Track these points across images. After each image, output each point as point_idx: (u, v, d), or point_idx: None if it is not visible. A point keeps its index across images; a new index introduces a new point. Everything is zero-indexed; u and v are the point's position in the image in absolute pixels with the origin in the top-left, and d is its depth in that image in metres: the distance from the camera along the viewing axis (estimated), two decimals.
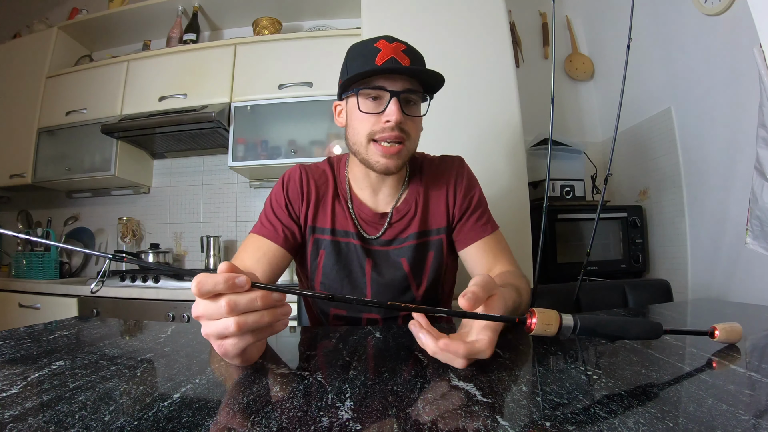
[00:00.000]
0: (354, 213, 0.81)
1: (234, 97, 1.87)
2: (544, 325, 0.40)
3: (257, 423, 0.30)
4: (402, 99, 0.70)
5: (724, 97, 1.41)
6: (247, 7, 2.09)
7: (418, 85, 0.72)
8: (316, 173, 0.84)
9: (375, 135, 0.71)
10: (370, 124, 0.71)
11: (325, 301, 0.82)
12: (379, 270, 0.79)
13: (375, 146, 0.72)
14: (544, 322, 0.40)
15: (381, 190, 0.81)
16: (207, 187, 2.23)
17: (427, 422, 0.30)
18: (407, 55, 0.70)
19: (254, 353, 0.43)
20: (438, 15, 1.64)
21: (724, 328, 0.49)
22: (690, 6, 1.49)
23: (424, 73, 0.70)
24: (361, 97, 0.71)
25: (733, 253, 1.38)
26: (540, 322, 0.40)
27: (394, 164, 0.72)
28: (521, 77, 1.69)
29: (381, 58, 0.68)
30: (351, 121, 0.75)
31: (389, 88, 0.69)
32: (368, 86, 0.70)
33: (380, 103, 0.71)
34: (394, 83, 0.69)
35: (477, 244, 0.79)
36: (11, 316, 1.77)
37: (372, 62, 0.68)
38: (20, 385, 0.38)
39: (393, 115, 0.68)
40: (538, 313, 0.40)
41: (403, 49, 0.70)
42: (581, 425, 0.29)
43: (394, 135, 0.70)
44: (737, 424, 0.28)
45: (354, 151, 0.76)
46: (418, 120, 0.75)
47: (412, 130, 0.73)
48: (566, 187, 1.83)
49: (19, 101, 2.16)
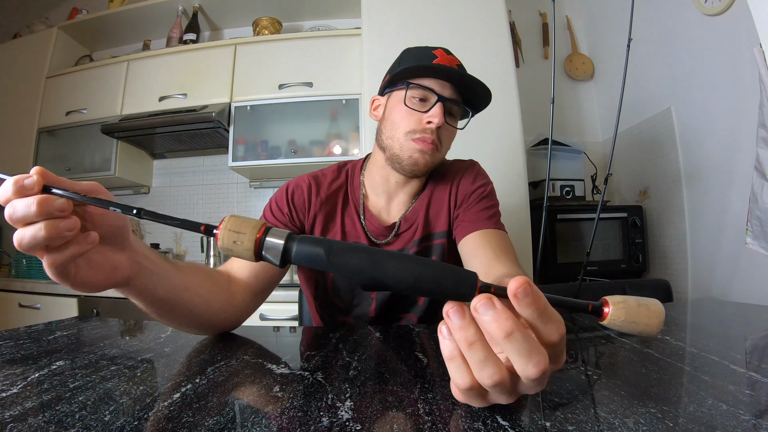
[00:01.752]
0: (365, 225, 0.79)
1: (234, 97, 1.87)
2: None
3: (257, 423, 0.30)
4: (446, 107, 0.71)
5: (724, 97, 1.41)
6: (247, 7, 2.10)
7: (461, 100, 0.74)
8: (325, 184, 0.80)
9: (415, 133, 0.71)
10: (412, 122, 0.71)
11: (336, 309, 0.81)
12: None
13: (414, 142, 0.72)
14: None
15: (396, 197, 0.80)
16: (207, 187, 2.23)
17: (427, 422, 0.30)
18: (460, 70, 0.72)
19: (88, 277, 0.37)
20: (438, 15, 1.64)
21: (623, 306, 0.29)
22: (690, 6, 1.50)
23: (476, 84, 0.71)
24: (410, 92, 0.72)
25: (733, 253, 1.38)
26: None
27: (425, 162, 0.72)
28: (521, 77, 1.69)
29: (437, 62, 0.71)
30: (390, 115, 0.75)
31: (438, 92, 0.70)
32: (420, 85, 0.71)
33: (425, 104, 0.71)
34: (443, 89, 0.71)
35: (477, 234, 0.71)
36: (11, 316, 1.77)
37: (430, 62, 0.71)
38: (20, 385, 0.38)
39: (436, 117, 0.69)
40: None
41: (458, 64, 0.73)
42: (581, 425, 0.29)
43: (431, 139, 0.71)
44: (737, 424, 0.28)
45: (385, 146, 0.75)
46: (453, 132, 0.76)
47: (446, 140, 0.74)
48: (566, 187, 1.83)
49: (19, 101, 2.16)
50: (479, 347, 0.26)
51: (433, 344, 0.53)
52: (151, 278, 0.46)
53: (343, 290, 0.79)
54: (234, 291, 0.62)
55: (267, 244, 0.29)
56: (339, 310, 0.81)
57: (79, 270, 0.37)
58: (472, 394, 0.28)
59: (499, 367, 0.27)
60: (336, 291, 0.80)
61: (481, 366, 0.27)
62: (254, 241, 0.29)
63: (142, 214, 0.32)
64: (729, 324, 0.67)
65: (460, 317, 0.27)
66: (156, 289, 0.47)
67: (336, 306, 0.81)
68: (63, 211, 0.32)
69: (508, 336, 0.25)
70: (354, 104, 1.80)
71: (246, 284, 0.65)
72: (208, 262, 2.00)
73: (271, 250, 0.29)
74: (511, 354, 0.26)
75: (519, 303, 0.25)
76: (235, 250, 0.29)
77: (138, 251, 0.44)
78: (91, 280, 0.38)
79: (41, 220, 0.31)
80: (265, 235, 0.29)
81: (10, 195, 0.31)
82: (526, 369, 0.25)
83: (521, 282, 0.25)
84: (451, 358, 0.28)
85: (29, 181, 0.31)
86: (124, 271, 0.42)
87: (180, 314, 0.52)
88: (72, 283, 0.36)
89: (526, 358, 0.25)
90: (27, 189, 0.31)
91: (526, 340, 0.26)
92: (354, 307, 0.80)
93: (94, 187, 0.35)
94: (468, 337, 0.26)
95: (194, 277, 0.55)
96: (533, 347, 0.26)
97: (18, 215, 0.31)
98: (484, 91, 0.72)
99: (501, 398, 0.28)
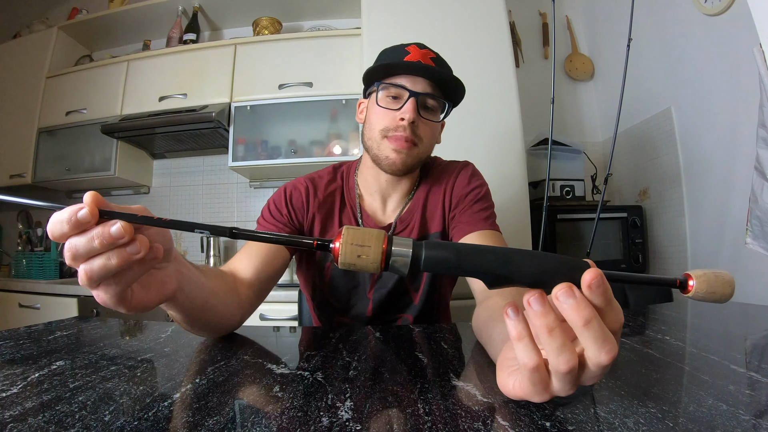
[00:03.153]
0: (362, 225, 0.79)
1: (234, 97, 1.87)
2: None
3: (257, 423, 0.30)
4: (420, 101, 0.71)
5: (724, 97, 1.41)
6: (247, 7, 2.10)
7: (440, 93, 0.73)
8: (321, 186, 0.81)
9: (388, 132, 0.71)
10: (386, 120, 0.71)
11: (333, 310, 0.81)
12: (383, 282, 0.78)
13: (387, 141, 0.72)
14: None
15: (390, 197, 0.80)
16: (207, 187, 2.23)
17: (427, 422, 0.30)
18: (434, 62, 0.71)
19: (142, 298, 0.36)
20: (438, 15, 1.64)
21: (704, 278, 0.32)
22: (690, 6, 1.49)
23: (443, 76, 0.70)
24: (382, 93, 0.72)
25: (733, 253, 1.38)
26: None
27: (402, 161, 0.72)
28: (521, 77, 1.69)
29: (408, 59, 0.70)
30: (368, 116, 0.75)
31: (409, 87, 0.70)
32: (391, 83, 0.71)
33: (399, 102, 0.71)
34: (415, 84, 0.70)
35: (475, 235, 0.72)
36: (11, 316, 1.77)
37: (399, 60, 0.70)
38: (20, 385, 0.38)
39: (407, 113, 0.69)
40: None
41: (432, 57, 0.72)
42: (581, 425, 0.29)
43: (406, 136, 0.70)
44: (737, 424, 0.28)
45: (367, 147, 0.76)
46: (433, 126, 0.75)
47: (426, 135, 0.73)
48: (566, 187, 1.83)
49: (19, 101, 2.16)
50: (558, 334, 0.27)
51: (432, 344, 0.53)
52: (191, 287, 0.45)
53: (340, 291, 0.79)
54: (240, 291, 0.62)
55: (395, 254, 0.29)
56: (336, 310, 0.81)
57: (134, 293, 0.35)
58: (535, 381, 0.29)
59: (574, 353, 0.28)
60: (333, 292, 0.80)
61: (558, 351, 0.27)
62: (381, 254, 0.28)
63: (236, 234, 0.30)
64: (729, 324, 0.67)
65: (542, 304, 0.28)
66: (195, 297, 0.46)
67: (333, 307, 0.81)
68: (125, 236, 0.30)
69: (586, 324, 0.27)
70: (354, 104, 1.80)
71: (249, 284, 0.65)
72: (208, 262, 2.00)
73: (399, 260, 0.29)
74: (586, 340, 0.27)
75: (592, 293, 0.27)
76: (359, 264, 0.29)
77: (180, 262, 0.43)
78: (145, 301, 0.37)
79: (107, 251, 0.30)
80: (390, 245, 0.29)
81: (66, 231, 0.29)
82: (600, 356, 0.27)
83: (595, 274, 0.27)
84: (520, 338, 0.29)
85: (83, 214, 0.29)
86: (173, 284, 0.40)
87: (207, 320, 0.51)
88: (128, 307, 0.35)
89: (600, 345, 0.27)
90: (83, 224, 0.29)
91: (601, 329, 0.27)
92: (351, 308, 0.80)
93: (142, 209, 0.33)
94: (549, 323, 0.27)
95: (215, 281, 0.55)
96: (607, 335, 0.27)
97: (81, 253, 0.29)
98: (456, 82, 0.72)
99: (564, 389, 0.29)
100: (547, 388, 0.29)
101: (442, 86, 0.73)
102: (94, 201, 0.29)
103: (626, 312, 0.78)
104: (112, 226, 0.29)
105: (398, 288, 0.78)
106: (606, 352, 0.27)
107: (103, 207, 0.30)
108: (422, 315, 0.80)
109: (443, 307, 0.85)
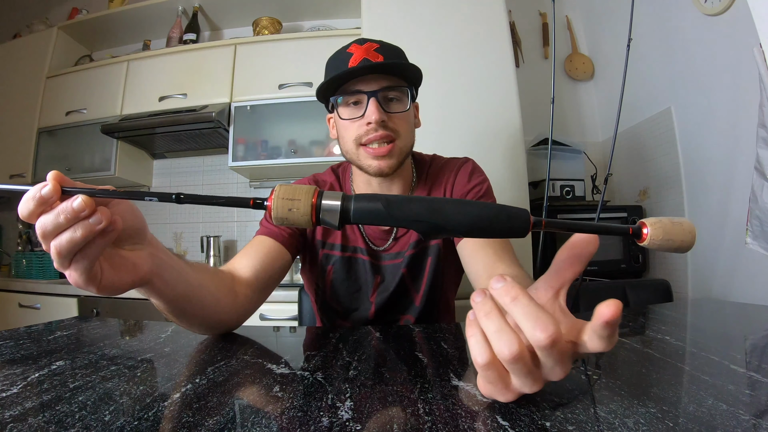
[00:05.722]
0: (362, 229, 0.79)
1: (234, 97, 1.87)
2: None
3: (257, 423, 0.30)
4: (381, 97, 0.69)
5: (724, 97, 1.41)
6: (247, 7, 2.09)
7: (398, 80, 0.70)
8: (325, 188, 0.80)
9: (361, 139, 0.70)
10: (355, 129, 0.70)
11: (334, 313, 0.81)
12: (385, 285, 0.78)
13: (364, 150, 0.70)
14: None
15: None
16: (207, 187, 2.23)
17: (427, 422, 0.30)
18: (380, 53, 0.68)
19: (112, 277, 0.37)
20: (438, 15, 1.64)
21: (660, 225, 0.31)
22: (690, 6, 1.49)
23: (392, 66, 0.68)
24: (342, 106, 0.70)
25: (733, 253, 1.38)
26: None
27: (387, 165, 0.70)
28: (521, 77, 1.69)
29: (353, 61, 0.67)
30: (339, 131, 0.74)
31: (365, 89, 0.68)
32: (345, 92, 0.69)
33: (361, 107, 0.69)
34: (368, 84, 0.68)
35: None
36: (11, 316, 1.77)
37: (344, 68, 0.67)
38: (20, 385, 0.38)
39: (372, 115, 0.67)
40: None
41: (376, 48, 0.69)
42: (581, 425, 0.29)
43: (380, 135, 0.68)
44: (737, 424, 0.28)
45: (349, 159, 0.75)
46: (405, 116, 0.72)
47: (401, 127, 0.71)
48: (566, 187, 1.83)
49: (19, 101, 2.16)
50: (495, 316, 0.28)
51: (433, 344, 0.53)
52: (171, 273, 0.45)
53: (342, 295, 0.79)
54: (237, 290, 0.62)
55: (324, 207, 0.29)
56: (337, 314, 0.81)
57: (104, 273, 0.36)
58: (491, 379, 0.29)
59: (513, 335, 0.27)
60: (335, 296, 0.80)
61: (497, 336, 0.27)
62: (311, 206, 0.29)
63: (183, 200, 0.31)
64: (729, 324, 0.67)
65: (481, 295, 0.29)
66: (176, 285, 0.46)
67: (335, 310, 0.81)
68: (86, 209, 0.31)
69: (514, 300, 0.27)
70: None
71: (248, 283, 0.65)
72: (208, 262, 2.00)
73: (328, 212, 0.29)
74: (518, 317, 0.27)
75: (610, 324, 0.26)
76: (291, 218, 0.29)
77: (157, 246, 0.43)
78: (116, 281, 0.37)
79: (72, 225, 0.31)
80: (320, 199, 0.29)
81: (32, 209, 0.31)
82: (534, 333, 0.26)
83: (616, 310, 0.25)
84: (472, 335, 0.29)
85: (47, 191, 0.30)
86: (146, 266, 0.40)
87: (193, 313, 0.52)
88: (98, 287, 0.36)
89: (533, 322, 0.26)
90: (47, 200, 0.31)
91: (532, 305, 0.26)
92: (352, 312, 0.80)
93: (107, 188, 0.34)
94: (486, 309, 0.28)
95: (205, 275, 0.55)
96: (540, 312, 0.26)
97: (49, 229, 0.31)
98: (403, 65, 0.69)
99: (524, 383, 0.28)
100: (508, 386, 0.29)
101: (397, 72, 0.70)
102: (55, 178, 0.31)
103: (626, 312, 0.78)
104: (74, 201, 0.31)
105: (399, 289, 0.78)
106: (541, 329, 0.25)
107: (65, 185, 0.31)
108: (423, 316, 0.79)
109: (445, 308, 0.85)
